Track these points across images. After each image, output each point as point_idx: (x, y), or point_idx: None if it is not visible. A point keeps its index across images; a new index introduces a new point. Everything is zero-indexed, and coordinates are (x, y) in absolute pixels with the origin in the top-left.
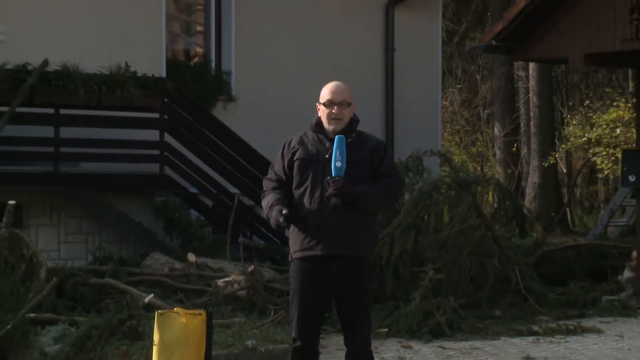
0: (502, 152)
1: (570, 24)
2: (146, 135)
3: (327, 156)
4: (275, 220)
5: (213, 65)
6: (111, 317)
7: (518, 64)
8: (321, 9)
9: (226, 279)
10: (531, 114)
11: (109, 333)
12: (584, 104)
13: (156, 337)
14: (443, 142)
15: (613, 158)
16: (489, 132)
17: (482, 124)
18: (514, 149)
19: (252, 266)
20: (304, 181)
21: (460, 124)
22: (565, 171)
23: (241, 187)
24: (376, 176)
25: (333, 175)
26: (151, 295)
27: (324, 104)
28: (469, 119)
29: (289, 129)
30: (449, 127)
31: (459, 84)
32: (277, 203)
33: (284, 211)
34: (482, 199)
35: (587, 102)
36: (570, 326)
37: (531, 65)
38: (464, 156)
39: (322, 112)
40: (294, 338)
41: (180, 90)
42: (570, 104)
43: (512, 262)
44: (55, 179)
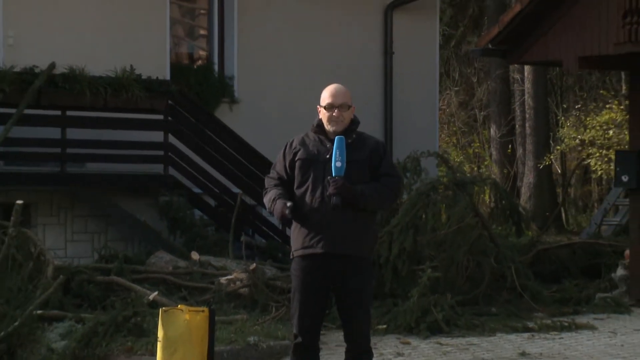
0: (498, 152)
1: (564, 28)
2: (150, 136)
3: (327, 156)
4: (280, 212)
5: (216, 68)
6: (116, 314)
7: (513, 66)
8: (322, 14)
9: (229, 277)
10: (526, 116)
11: (114, 329)
12: (577, 106)
13: (160, 333)
14: (441, 143)
15: (606, 159)
16: (486, 134)
17: (478, 125)
18: (509, 150)
19: (254, 264)
20: (305, 181)
21: (457, 125)
22: (559, 171)
23: (243, 187)
24: (376, 176)
25: (333, 175)
26: (155, 293)
27: (325, 107)
28: (466, 121)
29: (290, 130)
30: (446, 128)
31: (456, 87)
32: (279, 197)
33: (288, 204)
34: (478, 198)
35: (578, 105)
36: (564, 323)
37: (526, 68)
38: (461, 157)
39: (323, 115)
40: (295, 334)
41: (184, 92)
42: (565, 106)
43: (508, 260)
44: (62, 179)
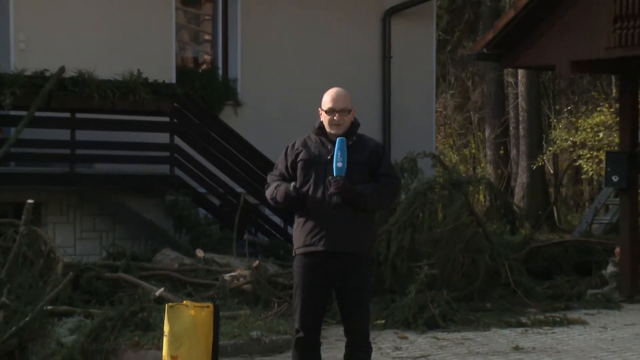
0: (492, 154)
1: (557, 33)
2: (157, 138)
3: (328, 157)
4: (284, 192)
5: (220, 71)
6: (124, 309)
7: (507, 70)
8: (322, 19)
9: (232, 274)
10: (520, 118)
11: (122, 324)
12: (569, 109)
13: (166, 328)
14: (437, 145)
15: (597, 160)
16: (480, 135)
17: (473, 127)
18: (502, 151)
19: (257, 261)
20: (307, 181)
21: (453, 127)
22: (552, 172)
23: (247, 186)
24: (375, 176)
25: (334, 175)
26: (162, 289)
27: (326, 111)
28: (462, 123)
29: (292, 132)
30: (442, 130)
31: (451, 90)
32: (282, 184)
33: (292, 184)
34: (474, 198)
35: (570, 108)
36: (556, 318)
37: (520, 71)
38: (456, 157)
39: (324, 118)
40: (296, 329)
41: (189, 95)
42: (557, 108)
43: (502, 257)
44: (71, 179)
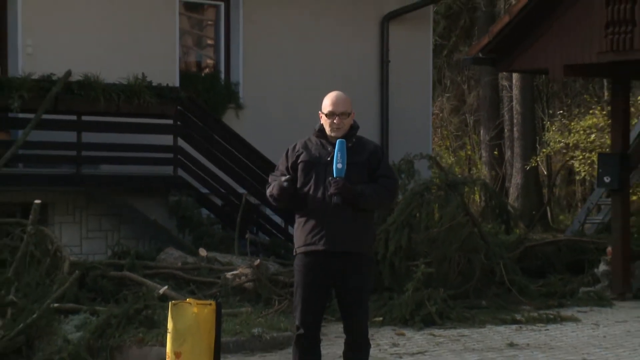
0: (487, 155)
1: (550, 38)
2: (161, 140)
3: (328, 159)
4: (278, 186)
5: (222, 75)
6: (129, 307)
7: (502, 74)
8: (322, 24)
9: (234, 272)
10: (514, 121)
11: (126, 322)
12: (562, 112)
13: (170, 325)
14: (434, 146)
15: (589, 161)
16: (476, 137)
17: (469, 129)
18: (495, 152)
19: (258, 260)
20: (307, 181)
21: (449, 129)
22: (545, 173)
23: (248, 187)
24: (374, 178)
25: (334, 176)
26: (165, 287)
27: (326, 114)
28: (458, 125)
29: (292, 134)
30: (439, 132)
31: (448, 93)
32: (278, 179)
33: (286, 175)
34: (469, 198)
35: (562, 111)
36: (550, 315)
37: (514, 75)
38: (452, 159)
39: (325, 121)
40: (297, 326)
41: (193, 98)
42: (550, 111)
43: (497, 256)
44: (78, 180)
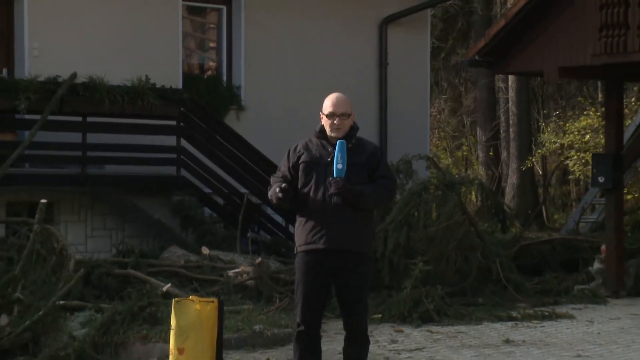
0: (484, 155)
1: (545, 41)
2: (164, 140)
3: (329, 159)
4: (274, 195)
5: (224, 78)
6: (133, 304)
7: (498, 76)
8: (322, 28)
9: (236, 270)
10: (510, 122)
11: (130, 318)
12: (557, 113)
13: (173, 322)
14: (431, 147)
15: (584, 161)
16: (473, 138)
17: (466, 130)
18: (492, 152)
19: (260, 258)
20: (308, 182)
21: (446, 130)
22: (540, 173)
23: (250, 187)
24: (373, 178)
25: (335, 176)
26: (169, 285)
27: (327, 115)
28: (455, 126)
29: (293, 135)
30: (436, 133)
31: (445, 95)
32: (277, 184)
33: (282, 185)
34: (466, 198)
35: (558, 112)
36: (545, 312)
37: (510, 77)
38: (450, 159)
39: (325, 122)
40: (298, 323)
41: (195, 100)
42: (545, 112)
43: (493, 254)
44: (83, 180)
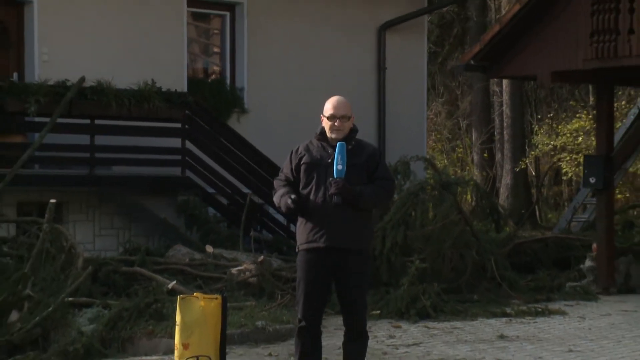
0: (479, 157)
1: (538, 46)
2: (169, 142)
3: (329, 161)
4: (285, 205)
5: (228, 82)
6: (139, 300)
7: (493, 80)
8: (322, 33)
9: (239, 268)
10: (504, 124)
11: (137, 314)
12: (550, 116)
13: (178, 318)
14: (428, 149)
15: (576, 162)
16: (468, 140)
17: (461, 133)
18: (486, 154)
19: (262, 256)
20: (309, 182)
21: (443, 132)
22: (534, 174)
23: (252, 187)
24: (372, 178)
25: (335, 177)
26: (174, 282)
27: (328, 117)
28: (451, 129)
29: (294, 137)
30: (433, 135)
31: (441, 98)
32: (286, 192)
33: (292, 196)
34: (461, 198)
35: (551, 115)
36: (538, 309)
37: (505, 81)
38: (445, 161)
39: (326, 124)
40: (299, 319)
41: (200, 103)
42: (539, 115)
43: (488, 253)
44: (91, 180)
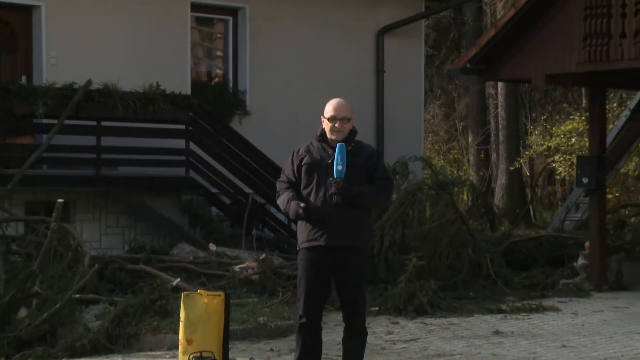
0: (475, 158)
1: (533, 49)
2: (174, 143)
3: (329, 161)
4: (295, 212)
5: (231, 84)
6: (144, 297)
7: (489, 83)
8: (322, 37)
9: (242, 266)
10: (499, 126)
11: (142, 311)
12: (544, 118)
13: (182, 314)
14: (425, 150)
15: (569, 163)
16: (464, 141)
17: (458, 134)
18: (482, 155)
19: (264, 254)
20: (310, 182)
21: (439, 134)
22: (528, 174)
23: (254, 187)
24: (371, 179)
25: (335, 177)
26: (178, 279)
27: (328, 119)
28: (447, 130)
29: (294, 139)
30: (430, 137)
31: (438, 100)
32: (293, 198)
33: (301, 204)
34: (458, 198)
35: (544, 117)
36: (532, 305)
37: (500, 84)
38: (442, 161)
39: (326, 125)
40: (300, 315)
41: (203, 105)
42: (533, 116)
43: (483, 251)
44: (97, 181)
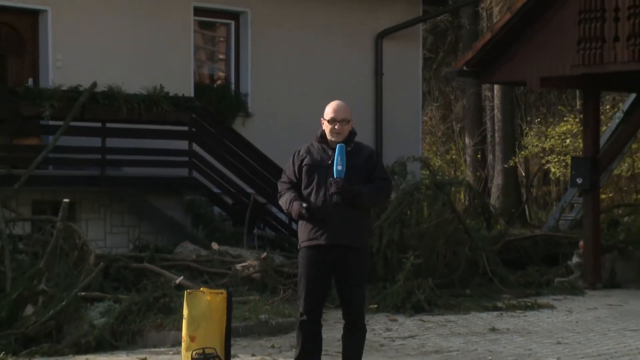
0: (471, 158)
1: (528, 53)
2: (177, 145)
3: (329, 162)
4: (297, 212)
5: (233, 87)
6: (148, 295)
7: (485, 85)
8: (323, 41)
9: (243, 264)
10: (496, 127)
11: (146, 308)
12: (539, 120)
13: (185, 311)
14: (423, 151)
15: (563, 164)
16: (461, 142)
17: (455, 135)
18: (478, 156)
19: (265, 253)
20: (310, 183)
21: (437, 135)
22: (523, 174)
23: (256, 188)
24: (370, 179)
25: (335, 177)
26: (181, 277)
27: (328, 121)
28: (445, 131)
29: (295, 140)
30: (428, 138)
31: (436, 102)
32: (295, 199)
33: (304, 205)
34: (455, 197)
35: (538, 119)
36: (528, 303)
37: (496, 86)
38: (439, 162)
39: (326, 127)
40: (300, 313)
41: (206, 107)
42: (528, 119)
43: (480, 249)
44: (102, 181)
